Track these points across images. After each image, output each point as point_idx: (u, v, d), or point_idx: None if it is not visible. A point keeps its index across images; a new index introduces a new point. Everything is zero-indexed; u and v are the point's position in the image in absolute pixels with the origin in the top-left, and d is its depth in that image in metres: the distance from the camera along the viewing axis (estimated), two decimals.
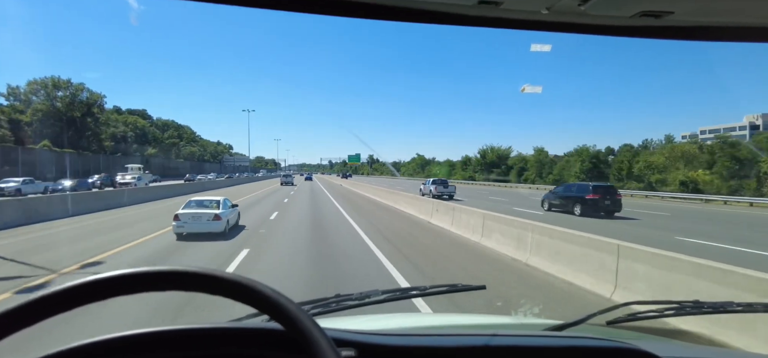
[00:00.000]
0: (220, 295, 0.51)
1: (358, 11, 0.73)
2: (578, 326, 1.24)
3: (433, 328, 1.46)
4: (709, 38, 0.82)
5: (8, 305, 0.47)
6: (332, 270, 7.04)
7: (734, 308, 1.36)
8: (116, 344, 0.66)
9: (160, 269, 0.51)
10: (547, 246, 7.46)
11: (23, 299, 0.48)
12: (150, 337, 0.69)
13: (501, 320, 1.71)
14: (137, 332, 0.68)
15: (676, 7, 0.72)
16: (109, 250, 8.88)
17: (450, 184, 30.12)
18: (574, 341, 1.02)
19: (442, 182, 29.94)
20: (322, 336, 0.49)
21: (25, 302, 0.48)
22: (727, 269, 4.44)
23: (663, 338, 1.42)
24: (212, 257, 8.30)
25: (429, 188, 27.85)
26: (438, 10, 0.74)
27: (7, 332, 0.47)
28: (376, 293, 1.42)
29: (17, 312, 0.47)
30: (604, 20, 0.78)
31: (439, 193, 26.83)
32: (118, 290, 0.50)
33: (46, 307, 0.48)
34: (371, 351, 0.81)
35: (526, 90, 16.95)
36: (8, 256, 8.11)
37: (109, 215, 16.07)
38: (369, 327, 1.03)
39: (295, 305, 0.51)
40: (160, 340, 0.69)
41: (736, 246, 10.75)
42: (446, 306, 4.44)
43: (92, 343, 0.64)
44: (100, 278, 0.50)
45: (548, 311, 5.26)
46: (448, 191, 28.07)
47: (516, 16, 0.77)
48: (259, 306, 0.51)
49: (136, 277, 0.50)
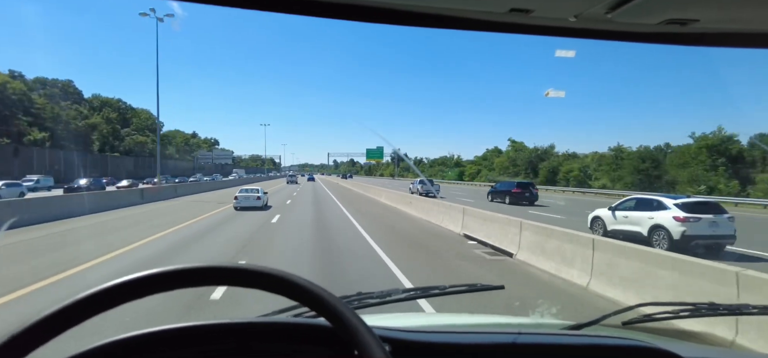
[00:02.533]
0: (268, 290, 0.53)
1: (390, 18, 0.75)
2: (594, 326, 1.28)
3: (455, 326, 1.46)
4: (735, 45, 0.84)
5: (43, 313, 0.48)
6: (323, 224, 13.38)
7: (750, 310, 1.37)
8: (143, 341, 0.66)
9: (210, 265, 0.52)
10: (468, 219, 12.01)
11: (57, 305, 0.48)
12: (175, 333, 0.69)
13: (519, 320, 1.77)
14: (162, 328, 0.68)
15: (702, 14, 0.72)
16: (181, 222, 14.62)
17: (435, 183, 36.67)
18: (596, 340, 1.06)
19: (428, 181, 36.20)
20: (369, 332, 0.51)
21: (64, 306, 0.48)
22: (547, 228, 8.14)
23: (680, 340, 1.41)
24: (260, 217, 15.31)
25: (417, 187, 33.30)
26: (470, 17, 0.76)
27: (54, 334, 0.48)
28: (397, 291, 1.45)
29: (55, 317, 0.47)
30: (630, 27, 0.79)
31: (426, 191, 31.63)
32: (178, 284, 0.52)
33: (88, 308, 0.49)
34: (405, 347, 0.82)
35: (549, 94, 16.49)
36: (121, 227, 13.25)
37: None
38: (394, 324, 1.05)
39: (342, 302, 0.53)
40: (185, 336, 0.69)
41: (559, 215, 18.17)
42: (450, 305, 4.47)
43: (113, 342, 0.63)
44: (147, 275, 0.50)
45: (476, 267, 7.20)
46: (433, 190, 33.68)
47: (545, 23, 0.78)
48: (304, 301, 0.53)
49: (193, 272, 0.51)
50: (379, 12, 0.73)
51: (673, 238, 9.79)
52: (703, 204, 10.50)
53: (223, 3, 0.68)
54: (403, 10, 0.72)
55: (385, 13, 0.73)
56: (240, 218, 15.33)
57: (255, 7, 0.68)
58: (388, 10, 0.72)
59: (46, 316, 0.48)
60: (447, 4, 0.72)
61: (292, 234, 11.50)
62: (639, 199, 11.64)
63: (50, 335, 0.48)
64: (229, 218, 15.34)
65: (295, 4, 0.71)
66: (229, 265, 0.53)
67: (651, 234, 10.41)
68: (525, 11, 0.73)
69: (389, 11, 0.72)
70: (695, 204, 10.28)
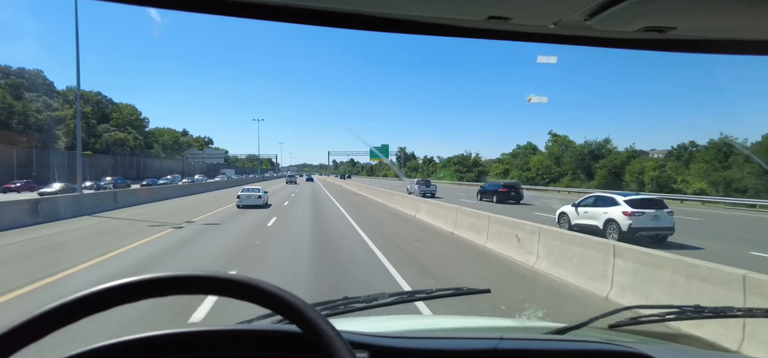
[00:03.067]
0: (237, 298, 0.52)
1: (371, 25, 0.75)
2: (581, 330, 1.29)
3: (440, 330, 1.48)
4: (712, 51, 0.87)
5: (37, 311, 0.47)
6: (320, 217, 14.86)
7: (735, 312, 1.40)
8: (123, 349, 0.66)
9: (187, 274, 0.52)
10: (460, 219, 15.28)
11: (51, 303, 0.48)
12: (160, 340, 0.70)
13: (505, 323, 1.79)
14: (147, 334, 0.69)
15: (679, 23, 0.74)
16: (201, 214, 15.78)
17: (432, 183, 36.53)
18: (579, 345, 1.07)
19: (425, 182, 36.42)
20: (339, 339, 0.51)
21: (55, 306, 0.48)
22: (511, 220, 12.29)
23: (665, 342, 1.44)
24: (261, 215, 16.38)
25: (414, 187, 34.14)
26: (449, 24, 0.77)
27: (42, 335, 0.48)
28: (383, 296, 1.45)
29: (48, 316, 0.48)
30: (609, 34, 0.81)
31: (423, 192, 32.47)
32: (149, 293, 0.51)
33: (82, 308, 0.49)
34: (383, 353, 0.83)
35: (532, 100, 16.19)
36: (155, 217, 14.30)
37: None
38: (377, 329, 1.05)
39: (311, 307, 0.52)
40: (169, 343, 0.70)
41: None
42: (442, 307, 4.58)
43: (101, 347, 0.64)
44: (131, 282, 0.51)
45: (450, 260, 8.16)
46: (430, 190, 33.88)
47: (524, 30, 0.80)
48: (276, 309, 0.52)
49: (165, 281, 0.51)
50: (358, 19, 0.74)
51: (622, 230, 11.52)
52: (648, 200, 12.18)
53: (207, 10, 0.71)
54: (383, 17, 0.75)
55: (365, 19, 0.74)
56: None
57: (221, 13, 0.70)
58: (368, 17, 0.74)
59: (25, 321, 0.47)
60: (426, 13, 0.74)
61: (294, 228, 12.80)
62: (598, 196, 13.39)
63: (29, 340, 0.47)
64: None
65: (280, 13, 0.71)
66: (200, 273, 0.52)
67: (605, 227, 12.11)
68: (504, 19, 0.74)
69: (369, 18, 0.74)
70: (641, 200, 11.97)
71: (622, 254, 6.12)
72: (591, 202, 13.27)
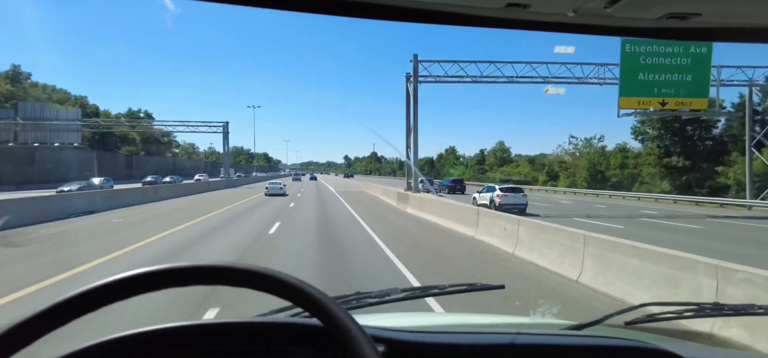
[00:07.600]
0: (259, 289, 0.53)
1: (386, 13, 0.74)
2: (596, 326, 1.27)
3: (454, 326, 1.46)
4: (735, 40, 0.83)
5: (45, 304, 0.47)
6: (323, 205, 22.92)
7: (756, 310, 1.35)
8: (138, 341, 0.67)
9: (205, 264, 0.52)
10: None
11: (61, 296, 0.48)
12: (176, 331, 0.70)
13: (519, 320, 1.77)
14: (164, 326, 0.69)
15: (704, 8, 0.71)
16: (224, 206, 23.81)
17: (434, 182, 33.97)
18: (598, 341, 1.05)
19: (427, 181, 31.33)
20: (361, 332, 0.51)
21: (67, 298, 0.49)
22: (447, 202, 20.81)
23: (683, 341, 1.40)
24: (283, 202, 23.64)
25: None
26: (466, 13, 0.76)
27: (53, 327, 0.48)
28: (396, 291, 1.44)
29: (59, 308, 0.48)
30: (630, 22, 0.78)
31: (425, 189, 24.28)
32: (168, 283, 0.52)
33: (102, 296, 0.50)
34: (401, 347, 0.82)
35: (549, 91, 15.65)
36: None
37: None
38: (392, 324, 1.04)
39: (332, 300, 0.52)
40: (185, 334, 0.71)
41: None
42: (456, 304, 4.51)
43: (108, 341, 0.65)
44: (150, 271, 0.51)
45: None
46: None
47: (542, 18, 0.78)
48: (297, 301, 0.53)
49: (183, 271, 0.51)
50: (374, 8, 0.72)
51: (496, 205, 20.22)
52: (511, 188, 21.16)
53: (229, 1, 0.68)
54: (399, 7, 0.72)
55: (381, 8, 0.72)
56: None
57: (231, 2, 0.68)
58: (384, 7, 0.72)
59: (21, 322, 0.47)
60: (443, 0, 0.72)
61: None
62: (488, 186, 22.33)
63: (33, 337, 0.47)
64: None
65: (286, 1, 0.69)
66: (219, 264, 0.52)
67: (490, 203, 20.84)
68: (522, 6, 0.72)
69: (384, 7, 0.72)
70: (507, 188, 20.98)
71: (524, 223, 8.57)
72: (485, 190, 22.29)
